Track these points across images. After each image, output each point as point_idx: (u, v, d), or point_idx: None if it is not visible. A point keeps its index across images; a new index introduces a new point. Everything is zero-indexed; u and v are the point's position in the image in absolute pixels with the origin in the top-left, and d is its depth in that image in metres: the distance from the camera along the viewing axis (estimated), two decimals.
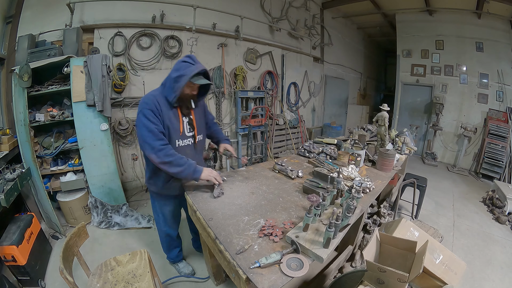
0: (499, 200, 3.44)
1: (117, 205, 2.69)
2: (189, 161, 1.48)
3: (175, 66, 1.44)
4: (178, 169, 1.43)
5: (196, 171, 1.48)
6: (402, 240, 1.74)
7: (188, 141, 1.59)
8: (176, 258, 2.05)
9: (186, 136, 1.58)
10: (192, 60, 1.43)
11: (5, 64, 2.60)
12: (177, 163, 1.43)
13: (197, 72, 1.38)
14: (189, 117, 1.57)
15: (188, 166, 1.45)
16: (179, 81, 1.38)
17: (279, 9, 4.87)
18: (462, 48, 5.36)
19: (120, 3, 3.08)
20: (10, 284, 1.69)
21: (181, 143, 1.56)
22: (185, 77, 1.37)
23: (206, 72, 1.45)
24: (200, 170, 1.50)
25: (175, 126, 1.50)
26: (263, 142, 4.42)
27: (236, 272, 1.01)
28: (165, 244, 1.98)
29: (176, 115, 1.50)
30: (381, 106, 2.35)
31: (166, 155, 1.40)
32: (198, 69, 1.38)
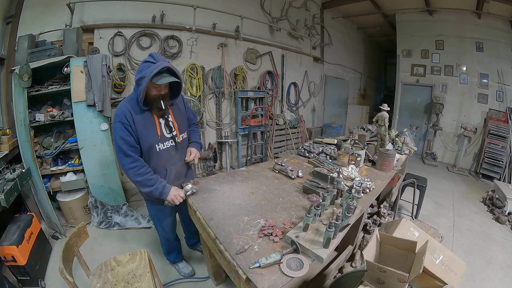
0: (499, 200, 3.44)
1: (117, 205, 2.69)
2: (157, 183, 1.44)
3: (138, 67, 1.34)
4: (146, 189, 1.43)
5: (163, 193, 1.47)
6: (402, 240, 1.74)
7: (170, 142, 1.52)
8: (175, 259, 2.06)
9: (166, 138, 1.50)
10: (153, 58, 1.31)
11: (5, 64, 2.60)
12: (145, 184, 1.42)
13: (157, 71, 1.26)
14: (165, 117, 1.48)
15: (155, 189, 1.44)
16: (140, 84, 1.29)
17: (279, 9, 4.87)
18: (462, 48, 5.36)
19: (120, 3, 3.08)
20: (10, 284, 1.69)
21: (162, 146, 1.49)
22: (145, 79, 1.26)
23: (169, 68, 1.33)
24: (167, 193, 1.48)
25: (151, 131, 1.42)
26: (263, 142, 4.42)
27: (236, 272, 1.01)
28: (164, 246, 2.00)
29: (151, 118, 1.42)
30: (381, 106, 2.35)
31: (135, 175, 1.39)
32: (158, 67, 1.26)
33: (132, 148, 1.38)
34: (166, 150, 1.52)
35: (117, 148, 1.37)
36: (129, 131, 1.36)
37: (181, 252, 2.10)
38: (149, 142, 1.43)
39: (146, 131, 1.40)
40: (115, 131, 1.36)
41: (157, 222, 1.81)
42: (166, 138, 1.51)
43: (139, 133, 1.39)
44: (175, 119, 1.54)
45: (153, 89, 1.35)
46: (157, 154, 1.48)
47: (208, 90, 3.92)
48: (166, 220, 1.79)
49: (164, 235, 1.88)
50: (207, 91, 3.90)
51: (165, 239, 1.92)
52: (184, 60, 3.64)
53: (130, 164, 1.37)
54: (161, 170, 1.54)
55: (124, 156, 1.37)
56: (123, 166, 1.38)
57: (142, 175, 1.40)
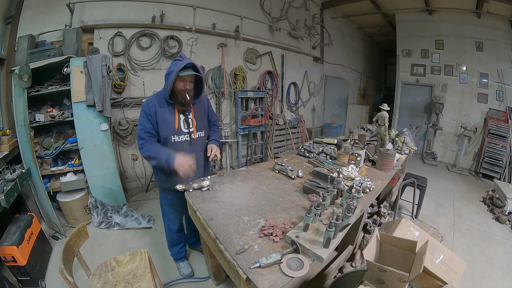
0: (499, 199, 3.44)
1: (117, 205, 2.69)
2: (163, 153, 1.54)
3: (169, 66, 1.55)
4: (154, 161, 1.57)
5: (169, 161, 1.53)
6: (402, 240, 1.73)
7: (185, 137, 1.65)
8: (177, 255, 2.07)
9: (183, 132, 1.64)
10: (181, 57, 1.52)
11: (5, 64, 2.60)
12: (152, 156, 1.55)
13: (183, 66, 1.45)
14: (186, 114, 1.63)
15: (162, 154, 1.53)
16: (169, 77, 1.48)
17: (279, 9, 4.87)
18: (462, 48, 5.36)
19: (120, 3, 3.08)
20: (10, 284, 1.68)
21: (177, 138, 1.63)
22: (173, 73, 1.45)
23: (193, 65, 1.52)
24: (172, 160, 1.53)
25: (169, 123, 1.59)
26: (263, 142, 4.42)
27: (236, 272, 1.01)
28: (168, 238, 2.04)
29: (172, 112, 1.60)
30: (381, 106, 2.35)
31: (145, 151, 1.56)
32: (184, 63, 1.46)
33: (148, 133, 1.56)
34: (180, 143, 1.64)
35: (137, 129, 1.60)
36: (149, 119, 1.55)
37: (184, 249, 2.10)
38: (166, 132, 1.59)
39: (165, 122, 1.58)
40: (140, 117, 1.59)
41: (165, 210, 1.91)
42: (183, 132, 1.64)
43: (159, 123, 1.57)
44: (195, 117, 1.68)
45: (180, 82, 1.52)
46: (172, 144, 1.62)
47: (208, 90, 3.91)
48: (171, 209, 1.87)
49: (169, 224, 1.94)
50: (207, 91, 3.90)
51: (169, 229, 1.97)
52: None
53: (141, 144, 1.57)
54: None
55: (139, 138, 1.58)
56: (138, 146, 1.59)
57: (150, 150, 1.56)
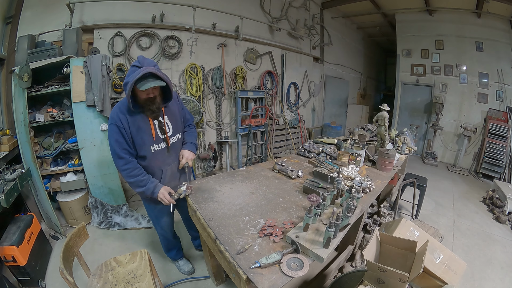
0: (499, 199, 3.44)
1: (117, 205, 2.69)
2: (148, 183, 1.47)
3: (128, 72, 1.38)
4: (139, 189, 1.47)
5: (154, 193, 1.49)
6: (402, 240, 1.73)
7: (162, 144, 1.52)
8: (175, 256, 2.09)
9: (160, 139, 1.51)
10: (138, 62, 1.30)
11: (5, 64, 2.60)
12: (137, 184, 1.46)
13: (139, 77, 1.23)
14: (159, 120, 1.48)
15: (146, 189, 1.47)
16: (125, 89, 1.29)
17: (279, 9, 4.86)
18: (462, 48, 5.36)
19: (120, 3, 3.08)
20: (10, 284, 1.69)
21: (157, 147, 1.50)
22: (129, 84, 1.25)
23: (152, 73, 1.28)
24: (157, 192, 1.49)
25: (146, 133, 1.43)
26: (263, 142, 4.42)
27: (236, 272, 1.01)
28: (163, 244, 2.03)
29: (145, 120, 1.42)
30: (381, 106, 2.36)
31: (128, 176, 1.43)
32: (140, 73, 1.23)
33: (125, 150, 1.40)
34: (160, 151, 1.53)
35: (112, 150, 1.41)
36: (123, 134, 1.37)
37: (181, 249, 2.12)
38: (144, 144, 1.45)
39: (140, 133, 1.42)
40: (110, 133, 1.39)
41: (155, 221, 1.83)
42: (160, 139, 1.51)
43: (134, 135, 1.40)
44: (170, 120, 1.54)
45: (141, 93, 1.32)
46: (152, 155, 1.50)
47: (208, 90, 3.91)
48: (163, 219, 1.80)
49: (163, 233, 1.90)
50: (207, 91, 3.90)
51: (163, 237, 1.94)
52: (184, 60, 3.64)
53: (123, 166, 1.42)
54: (156, 170, 1.57)
55: (117, 158, 1.40)
56: (117, 168, 1.43)
57: (135, 177, 1.44)
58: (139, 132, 1.41)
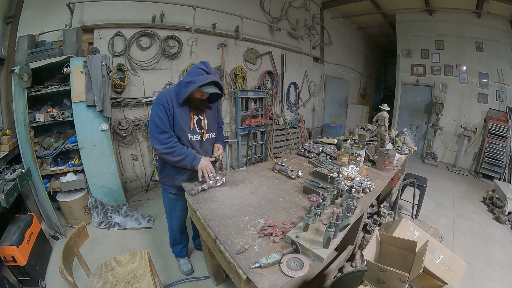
0: (499, 199, 3.44)
1: (117, 205, 2.69)
2: (191, 150, 1.59)
3: (190, 69, 1.53)
4: (179, 157, 1.54)
5: (195, 159, 1.58)
6: (402, 240, 1.74)
7: (198, 137, 1.68)
8: (179, 253, 2.11)
9: (196, 132, 1.66)
10: (205, 67, 1.50)
11: (5, 64, 2.60)
12: (178, 152, 1.54)
13: (206, 83, 1.45)
14: (199, 117, 1.66)
15: (189, 153, 1.57)
16: (188, 86, 1.47)
17: (279, 9, 4.87)
18: (462, 48, 5.36)
19: (120, 3, 3.08)
20: (10, 284, 1.68)
21: (193, 137, 1.65)
22: (193, 85, 1.44)
23: (217, 82, 1.51)
24: (199, 158, 1.60)
25: (186, 122, 1.59)
26: (263, 142, 4.42)
27: (236, 272, 1.01)
28: (170, 236, 2.06)
29: (187, 112, 1.59)
30: (381, 106, 2.35)
31: (169, 147, 1.52)
32: (208, 79, 1.45)
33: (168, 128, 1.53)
34: (195, 141, 1.68)
35: (154, 127, 1.50)
36: (168, 115, 1.51)
37: (186, 248, 2.14)
38: (183, 130, 1.59)
39: (182, 120, 1.57)
40: (155, 111, 1.50)
41: (167, 211, 1.91)
42: (196, 132, 1.67)
43: (176, 120, 1.54)
44: (207, 119, 1.70)
45: (198, 92, 1.53)
46: (188, 142, 1.63)
47: None
48: (174, 211, 1.87)
49: (171, 225, 1.96)
50: None
51: (171, 229, 1.99)
52: (184, 60, 3.64)
53: (166, 139, 1.51)
54: None
55: (161, 132, 1.50)
56: (159, 142, 1.50)
57: (175, 147, 1.54)
58: (180, 121, 1.56)
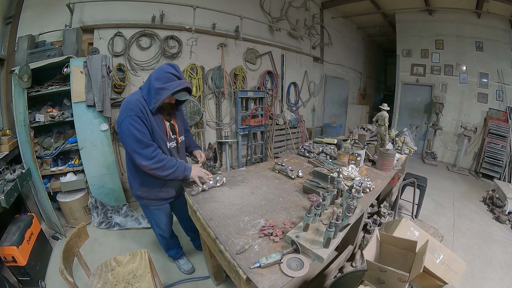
0: (499, 199, 3.44)
1: (117, 205, 2.69)
2: (180, 161, 1.55)
3: (157, 73, 1.41)
4: (169, 171, 1.48)
5: (186, 169, 1.56)
6: (402, 240, 1.74)
7: (174, 143, 1.64)
8: (175, 255, 2.10)
9: (172, 139, 1.61)
10: (176, 71, 1.42)
11: (5, 64, 2.60)
12: (169, 165, 1.48)
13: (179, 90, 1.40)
14: (170, 122, 1.60)
15: (179, 165, 1.53)
16: (160, 93, 1.37)
17: (279, 9, 4.86)
18: (462, 48, 5.36)
19: (120, 3, 3.08)
20: (10, 284, 1.68)
21: (170, 145, 1.60)
22: (167, 91, 1.37)
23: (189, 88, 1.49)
24: (190, 168, 1.58)
25: (162, 130, 1.52)
26: (263, 142, 4.42)
27: (236, 272, 1.01)
28: (162, 244, 2.04)
29: (161, 119, 1.52)
30: (381, 106, 2.36)
31: (158, 161, 1.43)
32: (182, 86, 1.40)
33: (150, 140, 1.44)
34: (173, 148, 1.64)
35: (134, 141, 1.37)
36: (146, 125, 1.41)
37: (181, 248, 2.13)
38: (161, 139, 1.52)
39: (157, 130, 1.49)
40: (132, 124, 1.35)
41: (153, 223, 1.86)
42: (172, 139, 1.62)
43: (154, 129, 1.46)
44: (177, 123, 1.65)
45: (168, 98, 1.43)
46: (167, 151, 1.57)
47: (208, 90, 3.91)
48: (162, 219, 1.83)
49: (161, 233, 1.91)
50: (207, 91, 3.90)
51: (162, 237, 1.95)
52: (184, 60, 3.64)
53: (152, 153, 1.42)
54: None
55: (145, 147, 1.40)
56: (145, 157, 1.40)
57: (164, 160, 1.47)
58: (156, 130, 1.48)
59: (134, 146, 1.39)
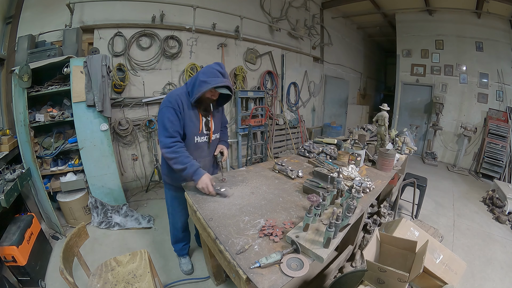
0: (499, 199, 3.44)
1: (117, 205, 2.69)
2: (194, 162, 1.55)
3: (204, 68, 1.55)
4: (180, 166, 1.52)
5: (196, 174, 1.52)
6: (402, 240, 1.74)
7: (205, 138, 1.72)
8: (180, 251, 2.11)
9: (204, 134, 1.69)
10: (221, 68, 1.53)
11: (5, 64, 2.60)
12: (181, 161, 1.52)
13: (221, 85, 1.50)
14: (207, 118, 1.68)
15: (190, 166, 1.52)
16: (202, 85, 1.49)
17: (279, 9, 4.87)
18: (462, 48, 5.36)
19: (120, 3, 3.08)
20: (10, 284, 1.68)
21: (199, 139, 1.68)
22: (208, 85, 1.47)
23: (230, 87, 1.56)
24: (200, 174, 1.53)
25: (195, 124, 1.62)
26: (263, 142, 4.42)
27: (236, 272, 1.01)
28: (172, 235, 2.07)
29: (196, 114, 1.62)
30: (381, 106, 2.35)
31: (173, 152, 1.51)
32: (223, 83, 1.50)
33: (177, 132, 1.54)
34: (202, 143, 1.71)
35: (162, 129, 1.52)
36: (178, 117, 1.53)
37: (188, 246, 2.15)
38: (191, 132, 1.62)
39: (191, 122, 1.59)
40: (164, 114, 1.51)
41: (170, 208, 1.92)
42: (204, 134, 1.70)
43: (186, 122, 1.57)
44: (214, 121, 1.73)
45: (209, 92, 1.54)
46: (195, 145, 1.66)
47: None
48: (177, 209, 1.89)
49: (173, 222, 1.97)
50: None
51: (173, 226, 2.00)
52: (184, 60, 3.64)
53: (172, 142, 1.51)
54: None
55: (168, 136, 1.51)
56: (164, 145, 1.52)
57: (181, 152, 1.53)
58: (190, 122, 1.59)
59: (160, 131, 1.54)
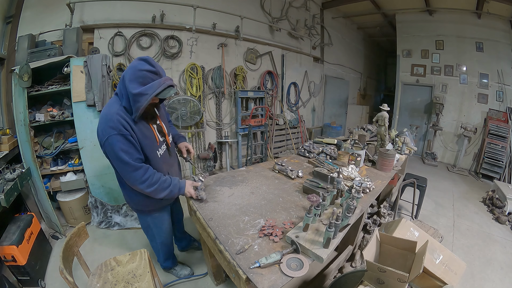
0: (499, 200, 3.44)
1: (117, 205, 2.69)
2: (172, 180, 1.43)
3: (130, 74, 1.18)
4: (164, 193, 1.39)
5: (180, 189, 1.46)
6: (402, 240, 1.74)
7: (164, 146, 1.51)
8: (172, 263, 1.99)
9: (161, 143, 1.48)
10: (152, 67, 1.20)
11: (5, 64, 2.60)
12: (162, 188, 1.37)
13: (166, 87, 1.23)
14: (157, 124, 1.46)
15: (172, 186, 1.42)
16: (139, 100, 1.18)
17: (279, 9, 4.86)
18: (462, 48, 5.36)
19: (120, 3, 3.08)
20: (10, 284, 1.69)
21: (161, 151, 1.46)
22: (146, 96, 1.17)
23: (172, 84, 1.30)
24: (183, 187, 1.47)
25: (150, 138, 1.37)
26: (263, 142, 4.42)
27: (236, 272, 1.02)
28: (162, 253, 1.86)
29: (146, 126, 1.36)
30: (381, 106, 2.36)
31: (149, 185, 1.32)
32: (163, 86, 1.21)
33: (139, 159, 1.30)
34: (164, 154, 1.50)
35: (122, 164, 1.26)
36: (132, 143, 1.25)
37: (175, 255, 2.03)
38: (152, 150, 1.38)
39: (146, 139, 1.34)
40: (115, 146, 1.21)
41: (155, 231, 1.70)
42: (162, 143, 1.49)
43: (141, 142, 1.31)
44: (163, 122, 1.52)
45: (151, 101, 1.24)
46: (159, 160, 1.44)
47: (208, 90, 3.91)
48: (164, 225, 1.71)
49: (163, 241, 1.77)
50: (207, 91, 3.90)
51: (163, 245, 1.80)
52: (184, 60, 3.64)
53: (143, 176, 1.29)
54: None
55: (134, 170, 1.27)
56: (135, 181, 1.29)
57: (157, 182, 1.35)
58: (146, 139, 1.33)
59: (122, 169, 1.28)
